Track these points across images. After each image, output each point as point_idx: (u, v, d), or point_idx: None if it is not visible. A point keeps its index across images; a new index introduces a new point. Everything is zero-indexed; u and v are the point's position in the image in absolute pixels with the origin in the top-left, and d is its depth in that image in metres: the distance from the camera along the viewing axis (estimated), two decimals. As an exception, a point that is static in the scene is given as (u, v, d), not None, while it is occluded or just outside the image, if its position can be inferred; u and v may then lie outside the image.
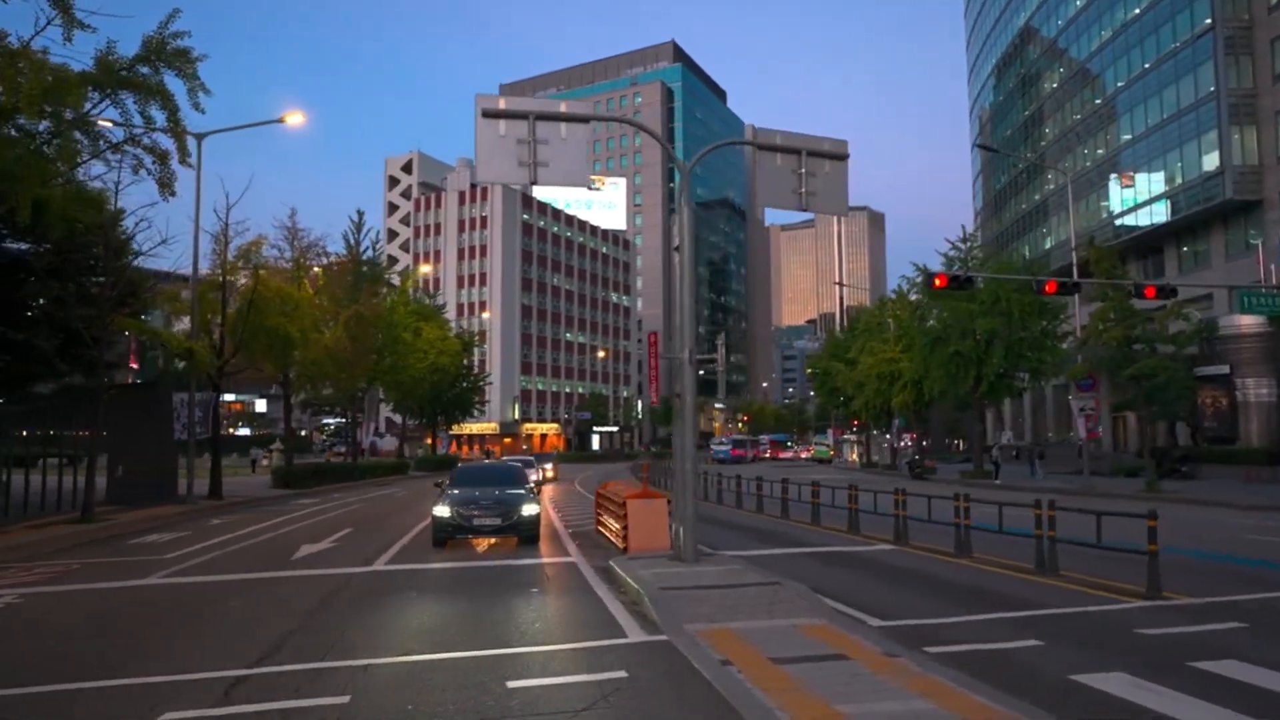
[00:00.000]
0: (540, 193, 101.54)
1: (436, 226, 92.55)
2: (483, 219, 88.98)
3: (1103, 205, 50.67)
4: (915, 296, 42.00)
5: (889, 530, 14.80)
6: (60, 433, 21.92)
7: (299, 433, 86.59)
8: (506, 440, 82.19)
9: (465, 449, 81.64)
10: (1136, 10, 46.45)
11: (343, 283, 37.66)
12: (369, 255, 41.60)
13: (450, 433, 71.83)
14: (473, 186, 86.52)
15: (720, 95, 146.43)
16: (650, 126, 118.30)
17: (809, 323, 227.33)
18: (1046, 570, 10.85)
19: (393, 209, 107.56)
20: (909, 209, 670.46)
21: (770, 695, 5.52)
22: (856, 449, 64.86)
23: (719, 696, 5.62)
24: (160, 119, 13.32)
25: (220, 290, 25.70)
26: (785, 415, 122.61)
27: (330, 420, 71.26)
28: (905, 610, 8.72)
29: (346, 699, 5.77)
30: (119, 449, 23.99)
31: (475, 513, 14.14)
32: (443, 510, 14.13)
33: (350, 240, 41.28)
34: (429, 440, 58.79)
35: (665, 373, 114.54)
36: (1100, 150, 51.07)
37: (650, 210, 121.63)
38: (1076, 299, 30.15)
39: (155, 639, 7.88)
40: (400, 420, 53.94)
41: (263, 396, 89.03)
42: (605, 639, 7.47)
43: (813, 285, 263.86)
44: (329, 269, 38.64)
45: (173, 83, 13.56)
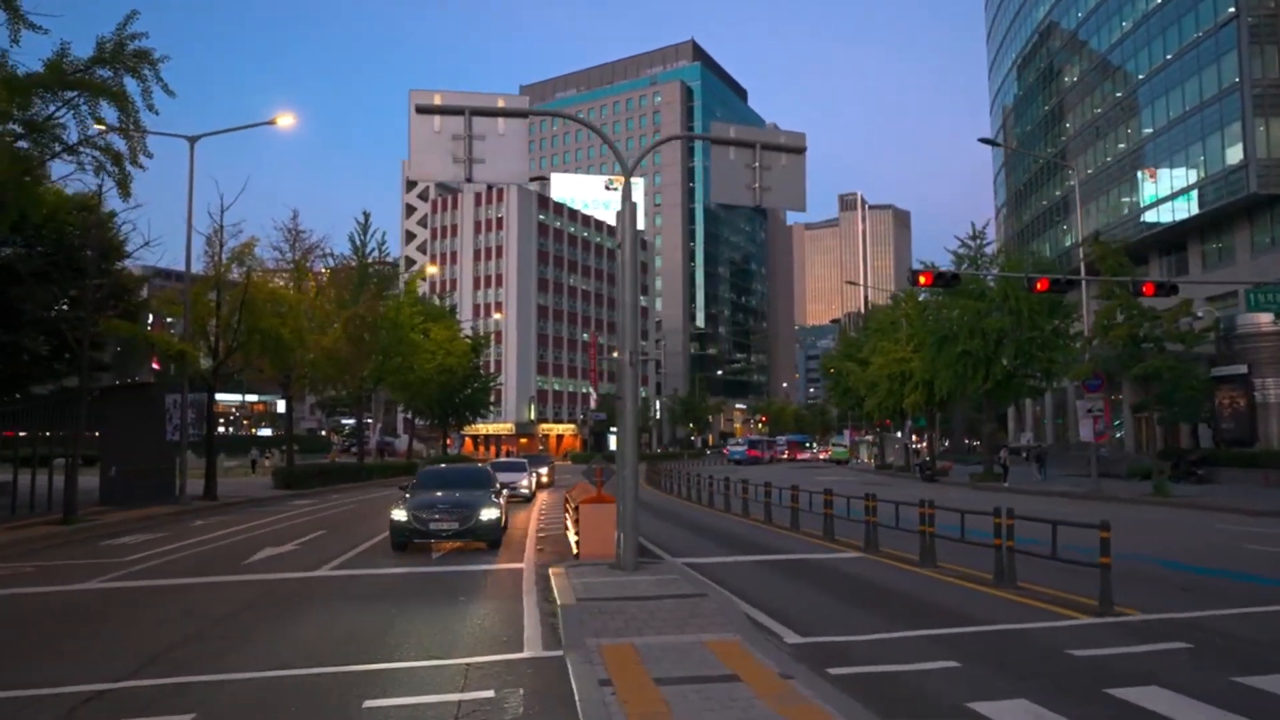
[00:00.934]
0: (556, 193, 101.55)
1: (453, 228, 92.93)
2: (498, 220, 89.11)
3: (1124, 201, 49.29)
4: (925, 296, 41.10)
5: (863, 536, 14.29)
6: (52, 434, 22.07)
7: (319, 433, 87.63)
8: (523, 441, 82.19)
9: (482, 449, 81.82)
10: (1158, 0, 45.09)
11: (347, 284, 37.75)
12: (375, 256, 41.58)
13: (463, 433, 71.97)
14: (489, 188, 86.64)
15: (741, 94, 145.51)
16: (670, 126, 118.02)
17: (833, 322, 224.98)
18: (1005, 582, 10.32)
19: (410, 211, 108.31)
20: (937, 206, 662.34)
21: (625, 722, 5.17)
22: (871, 450, 63.85)
23: (575, 721, 5.29)
24: (150, 120, 13.27)
25: (215, 292, 25.83)
26: (806, 416, 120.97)
27: (347, 421, 71.76)
28: (834, 625, 8.29)
29: (190, 718, 5.51)
30: (113, 450, 24.14)
31: (433, 516, 13.90)
32: (400, 514, 13.92)
33: (356, 242, 41.33)
34: (445, 440, 58.89)
35: (676, 372, 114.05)
36: (1121, 145, 49.69)
37: (670, 210, 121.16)
38: (1085, 298, 29.19)
39: (40, 650, 7.67)
40: (414, 421, 54.05)
41: (284, 397, 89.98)
42: (499, 654, 7.16)
43: (837, 284, 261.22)
44: (335, 271, 38.80)
45: (168, 81, 13.58)
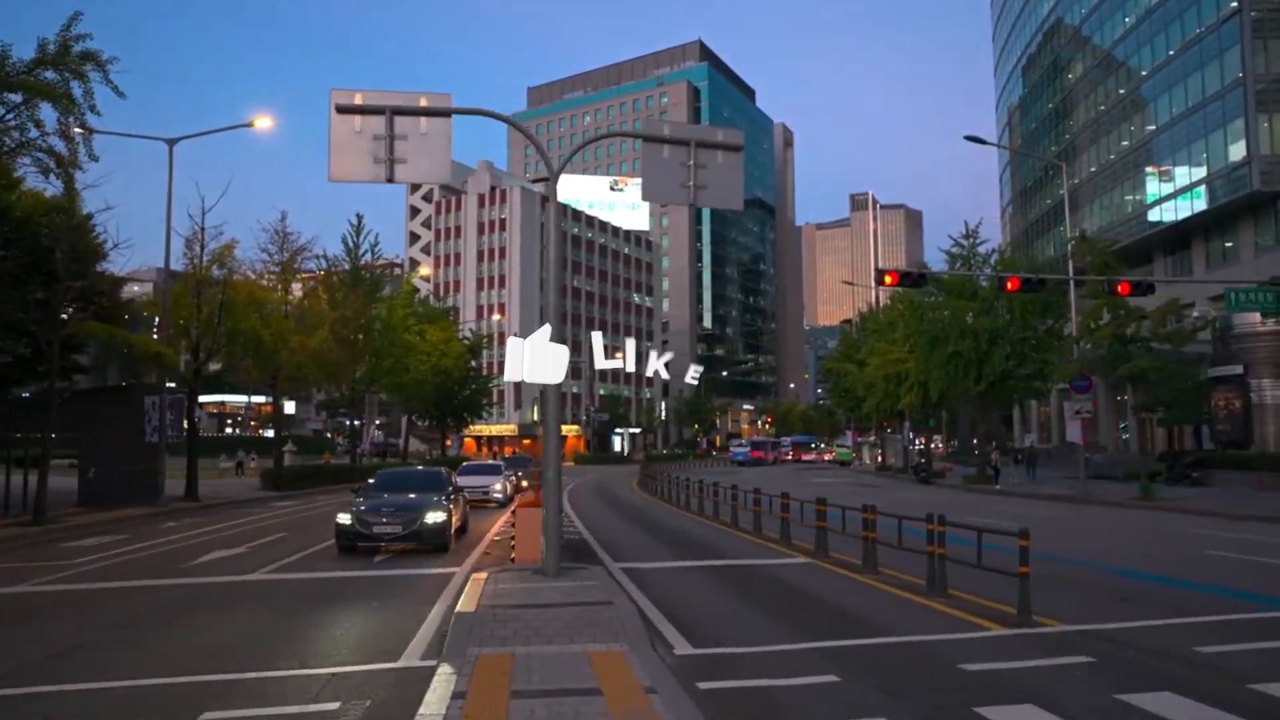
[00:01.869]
0: (562, 194, 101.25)
1: (457, 229, 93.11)
2: (502, 221, 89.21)
3: (1128, 200, 48.54)
4: (923, 297, 40.61)
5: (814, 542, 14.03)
6: (30, 436, 22.19)
7: (324, 434, 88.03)
8: (526, 441, 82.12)
9: (485, 449, 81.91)
10: (1160, -5, 44.38)
11: (340, 286, 37.76)
12: (368, 259, 41.61)
13: (465, 434, 72.04)
14: (492, 189, 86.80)
15: (749, 94, 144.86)
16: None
17: (844, 323, 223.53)
18: (935, 590, 10.06)
19: (415, 212, 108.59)
20: (949, 206, 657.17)
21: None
22: (873, 452, 63.32)
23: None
24: (132, 123, 13.28)
25: (195, 294, 25.91)
26: (814, 417, 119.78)
27: (349, 422, 71.97)
28: (737, 635, 8.07)
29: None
30: (93, 452, 24.27)
31: (379, 519, 13.81)
32: (344, 517, 13.83)
33: (349, 243, 41.37)
34: (445, 441, 58.91)
35: (682, 373, 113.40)
36: (1124, 142, 48.95)
37: (676, 210, 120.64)
38: (1073, 298, 28.71)
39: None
40: (412, 421, 54.10)
41: (291, 399, 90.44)
42: (373, 663, 7.01)
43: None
44: (329, 273, 38.85)
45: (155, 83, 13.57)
